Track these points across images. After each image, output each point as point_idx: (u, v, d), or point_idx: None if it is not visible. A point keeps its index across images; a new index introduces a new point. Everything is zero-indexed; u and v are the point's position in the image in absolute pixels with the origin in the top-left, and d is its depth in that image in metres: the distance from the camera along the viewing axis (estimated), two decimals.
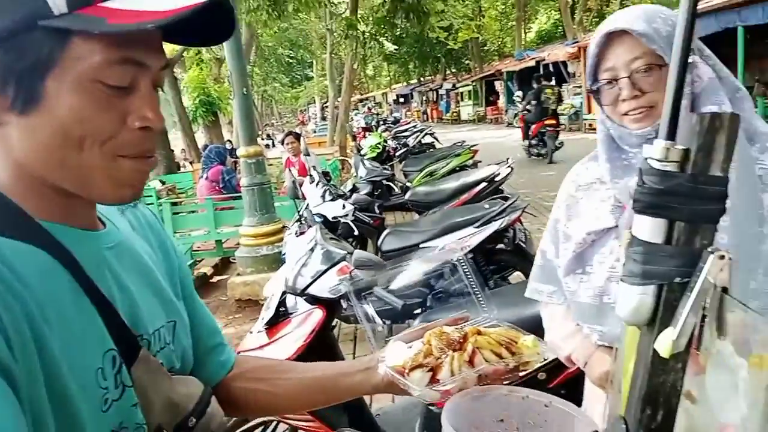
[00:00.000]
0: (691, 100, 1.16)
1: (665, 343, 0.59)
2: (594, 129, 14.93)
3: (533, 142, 15.07)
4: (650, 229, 0.60)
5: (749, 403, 0.51)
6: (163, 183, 11.59)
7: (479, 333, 0.89)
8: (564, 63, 21.32)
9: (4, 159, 0.70)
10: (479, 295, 1.59)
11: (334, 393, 1.02)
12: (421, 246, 4.39)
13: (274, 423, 2.42)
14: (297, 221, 2.74)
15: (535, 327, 1.28)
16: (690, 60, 1.12)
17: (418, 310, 4.29)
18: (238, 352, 2.75)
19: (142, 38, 0.69)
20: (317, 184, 4.66)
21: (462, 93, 36.65)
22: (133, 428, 0.74)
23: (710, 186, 0.57)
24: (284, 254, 3.17)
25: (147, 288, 0.85)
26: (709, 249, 0.57)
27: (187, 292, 1.00)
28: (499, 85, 30.76)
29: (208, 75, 17.40)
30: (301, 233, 2.61)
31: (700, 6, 13.83)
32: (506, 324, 0.95)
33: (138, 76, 0.71)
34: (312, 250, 2.48)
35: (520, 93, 26.45)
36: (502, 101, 30.31)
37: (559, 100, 22.10)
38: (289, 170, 3.46)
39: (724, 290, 0.57)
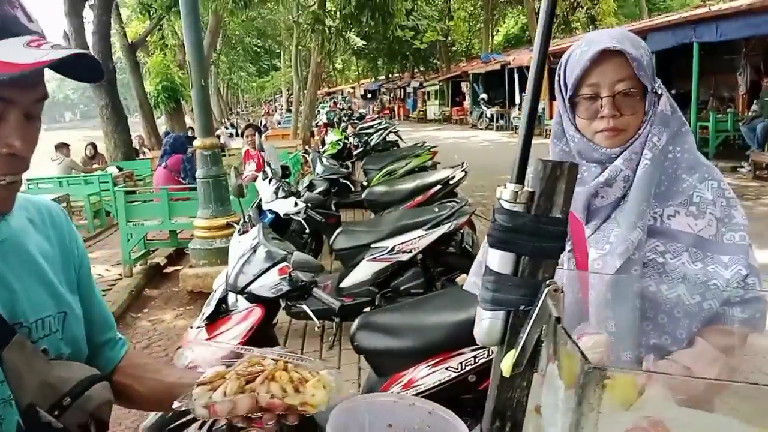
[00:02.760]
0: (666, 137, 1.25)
1: (506, 363, 0.66)
2: None
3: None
4: (500, 261, 0.67)
5: (563, 421, 0.58)
6: (120, 169, 11.41)
7: (285, 369, 0.93)
8: (528, 68, 21.56)
9: None
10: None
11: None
12: (372, 246, 4.46)
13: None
14: (242, 219, 2.76)
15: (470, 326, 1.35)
16: (659, 91, 1.24)
17: (368, 309, 4.36)
18: (179, 347, 2.77)
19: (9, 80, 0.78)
20: (270, 181, 4.67)
21: (429, 92, 36.82)
22: (1, 402, 0.85)
23: (551, 226, 0.64)
24: None
25: (35, 281, 0.96)
26: (547, 283, 0.64)
27: (84, 287, 1.09)
28: (465, 87, 31.05)
29: (172, 61, 17.13)
30: (244, 232, 2.64)
31: (659, 21, 14.24)
32: (325, 367, 0.97)
33: (7, 108, 0.81)
34: (254, 248, 2.51)
35: (485, 95, 26.88)
36: (467, 102, 30.59)
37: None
38: (235, 168, 3.46)
39: (558, 320, 0.64)
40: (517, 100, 23.43)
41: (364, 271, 4.41)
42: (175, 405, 0.92)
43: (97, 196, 9.72)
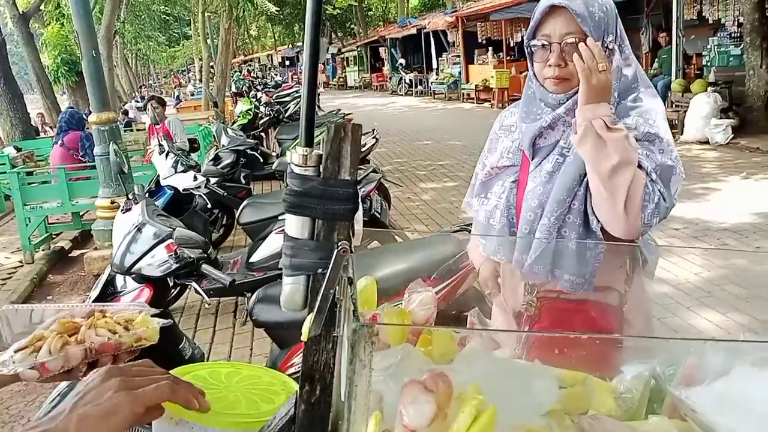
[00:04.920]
0: (617, 93, 1.41)
1: (305, 326, 0.66)
2: (471, 98, 15.32)
3: None
4: (297, 226, 0.67)
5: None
6: (19, 150, 10.68)
7: (103, 315, 0.93)
8: (444, 32, 21.73)
9: None
10: None
11: None
12: (279, 218, 4.39)
13: None
14: (125, 197, 2.66)
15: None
16: (611, 46, 1.38)
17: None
18: None
19: None
20: (167, 155, 4.51)
21: (348, 58, 36.41)
22: None
23: (340, 188, 0.64)
24: None
25: None
26: (339, 245, 0.65)
27: None
28: (383, 52, 30.88)
29: (71, 31, 16.05)
30: (128, 210, 2.54)
31: None
32: (147, 309, 0.99)
33: None
34: (138, 227, 2.42)
35: (403, 60, 26.85)
36: (386, 68, 30.49)
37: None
38: (114, 142, 3.31)
39: (349, 280, 0.65)
40: (434, 65, 23.55)
41: (273, 244, 4.35)
42: None
43: None
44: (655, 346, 1.01)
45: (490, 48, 19.04)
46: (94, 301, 2.41)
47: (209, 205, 4.76)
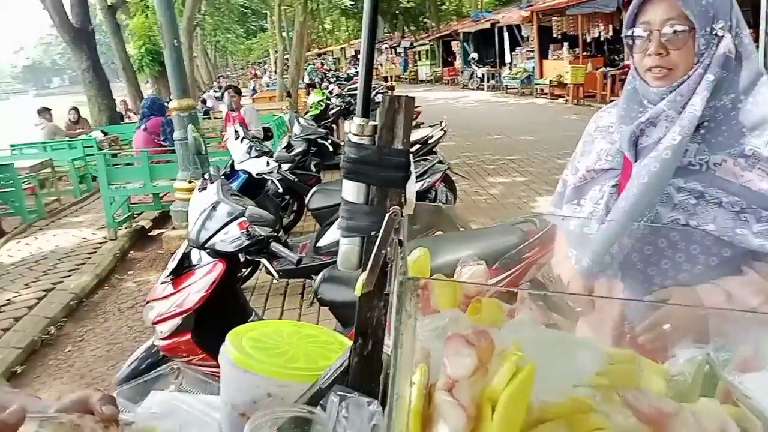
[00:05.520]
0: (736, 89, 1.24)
1: (358, 284, 0.72)
2: (544, 94, 14.98)
3: None
4: (353, 191, 0.72)
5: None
6: (105, 134, 11.36)
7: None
8: (518, 26, 21.37)
9: None
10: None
11: None
12: None
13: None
14: (201, 177, 2.81)
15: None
16: (720, 33, 1.23)
17: None
18: (148, 301, 2.81)
19: None
20: (242, 140, 4.69)
21: (420, 52, 36.36)
22: None
23: (393, 157, 0.69)
24: None
25: None
26: (390, 210, 0.70)
27: None
28: (455, 46, 30.66)
29: (155, 23, 16.80)
30: (203, 189, 2.69)
31: None
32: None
33: None
34: (213, 205, 2.56)
35: (475, 54, 26.57)
36: (458, 62, 30.27)
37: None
38: (193, 124, 3.48)
39: (400, 243, 0.70)
40: (507, 59, 23.20)
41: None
42: None
43: (81, 161, 9.71)
44: (713, 329, 1.00)
45: (565, 43, 18.60)
46: (171, 273, 2.57)
47: (280, 190, 4.92)
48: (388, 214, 0.68)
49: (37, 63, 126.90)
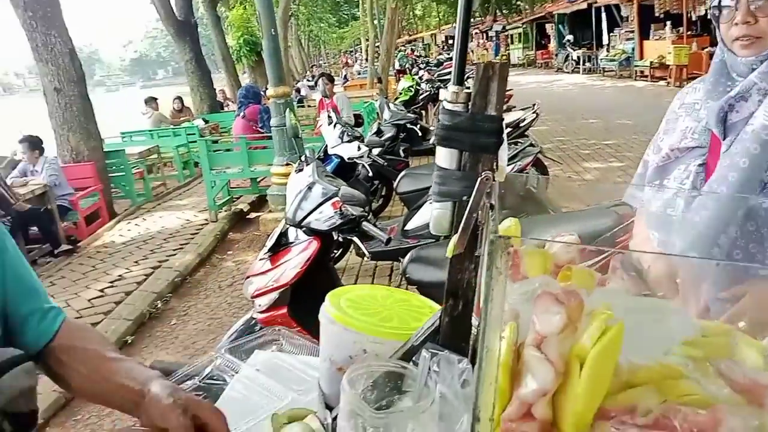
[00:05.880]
0: None
1: (450, 246, 0.75)
2: (644, 76, 14.29)
3: None
4: (446, 157, 0.76)
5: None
6: (207, 122, 11.96)
7: None
8: (617, 6, 20.41)
9: None
10: None
11: (110, 403, 0.97)
12: None
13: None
14: (298, 159, 2.93)
15: None
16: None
17: None
18: (247, 277, 2.95)
19: None
20: (335, 126, 4.81)
21: (512, 35, 35.58)
22: None
23: (486, 123, 0.72)
24: None
25: None
26: (483, 175, 0.72)
27: None
28: (550, 28, 29.74)
29: (252, 14, 17.42)
30: (300, 170, 2.80)
31: None
32: None
33: None
34: (309, 186, 2.67)
35: (571, 37, 25.65)
36: (553, 45, 29.36)
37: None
38: (290, 109, 3.62)
39: (491, 206, 0.72)
40: (605, 41, 22.25)
41: (428, 213, 4.48)
42: None
43: (185, 148, 10.29)
44: None
45: (668, 22, 17.58)
46: (269, 250, 2.70)
47: (370, 174, 5.02)
48: (480, 178, 0.71)
49: (144, 56, 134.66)
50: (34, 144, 6.69)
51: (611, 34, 21.84)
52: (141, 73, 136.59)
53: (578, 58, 24.33)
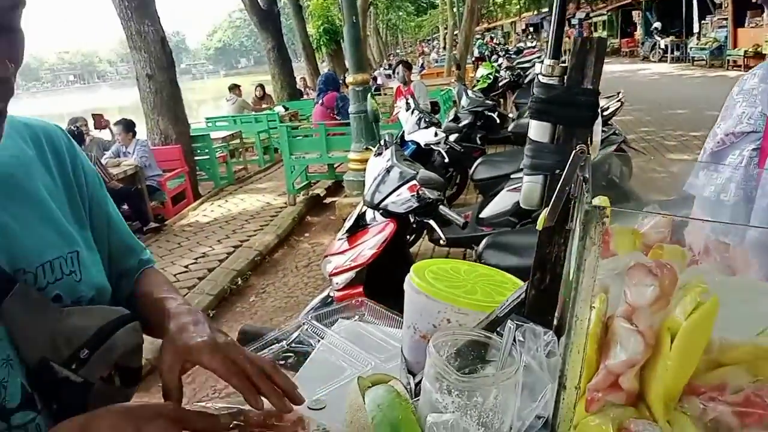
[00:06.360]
0: None
1: (540, 218, 0.76)
2: (737, 66, 13.53)
3: None
4: (539, 131, 0.76)
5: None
6: (287, 109, 12.25)
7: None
8: None
9: None
10: None
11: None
12: (512, 176, 4.47)
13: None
14: (377, 143, 2.97)
15: None
16: None
17: None
18: (326, 256, 3.04)
19: None
20: (412, 112, 4.83)
21: (596, 23, 34.36)
22: (0, 363, 0.75)
23: (582, 96, 0.72)
24: None
25: (36, 219, 0.83)
26: (577, 147, 0.73)
27: (98, 216, 0.96)
28: (636, 16, 28.50)
29: (333, 3, 17.66)
30: (379, 154, 2.85)
31: None
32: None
33: None
34: (387, 169, 2.71)
35: (659, 24, 24.50)
36: (639, 33, 28.14)
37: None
38: (370, 94, 3.66)
39: (585, 180, 0.73)
40: (695, 29, 21.14)
41: (503, 201, 4.45)
42: None
43: (265, 134, 10.60)
44: None
45: (766, 8, 16.47)
46: (348, 230, 2.77)
47: (447, 161, 5.02)
48: (575, 151, 0.71)
49: (227, 45, 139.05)
50: (128, 126, 7.09)
51: (703, 21, 20.72)
52: (224, 62, 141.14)
53: (666, 46, 23.24)
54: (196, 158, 8.48)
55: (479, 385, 0.75)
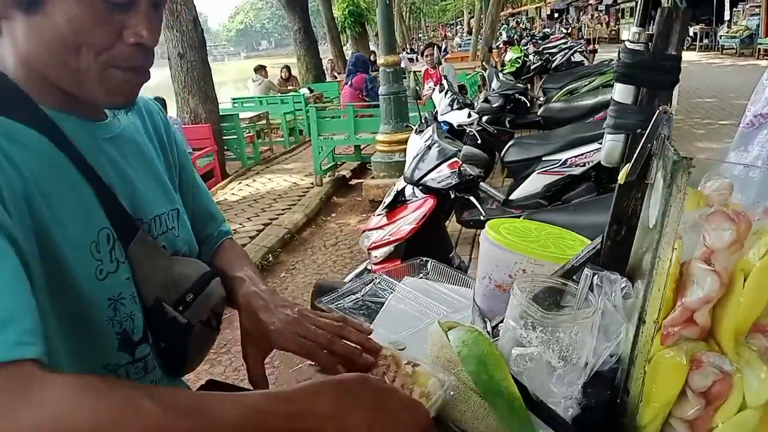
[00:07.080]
0: None
1: (622, 173, 0.84)
2: None
3: None
4: (623, 93, 0.84)
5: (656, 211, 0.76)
6: (311, 91, 12.32)
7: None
8: None
9: (12, 52, 0.76)
10: None
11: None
12: (543, 159, 4.51)
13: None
14: (419, 121, 3.04)
15: None
16: None
17: None
18: (364, 231, 3.13)
19: None
20: (446, 93, 4.89)
21: (623, 9, 33.83)
22: (128, 299, 0.83)
23: (666, 62, 0.80)
24: None
25: (149, 177, 0.94)
26: (661, 108, 0.80)
27: (185, 183, 1.07)
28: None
29: None
30: (420, 131, 2.92)
31: None
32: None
33: None
34: (428, 146, 2.78)
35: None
36: None
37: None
38: (414, 73, 3.73)
39: (667, 137, 0.80)
40: (726, 16, 20.78)
41: (534, 183, 4.49)
42: None
43: (291, 115, 10.68)
44: None
45: None
46: (387, 206, 2.85)
47: (479, 142, 5.07)
48: (658, 111, 0.79)
49: (249, 27, 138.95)
50: (160, 104, 7.19)
51: (734, 9, 20.38)
52: (245, 44, 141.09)
53: (695, 34, 22.88)
54: (225, 138, 8.60)
55: (561, 322, 0.84)
